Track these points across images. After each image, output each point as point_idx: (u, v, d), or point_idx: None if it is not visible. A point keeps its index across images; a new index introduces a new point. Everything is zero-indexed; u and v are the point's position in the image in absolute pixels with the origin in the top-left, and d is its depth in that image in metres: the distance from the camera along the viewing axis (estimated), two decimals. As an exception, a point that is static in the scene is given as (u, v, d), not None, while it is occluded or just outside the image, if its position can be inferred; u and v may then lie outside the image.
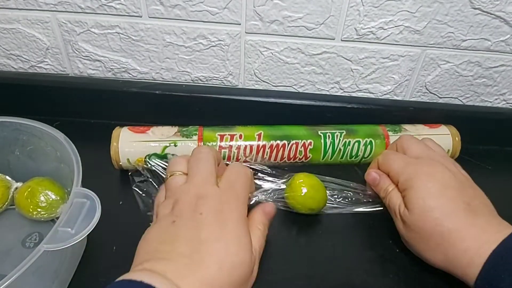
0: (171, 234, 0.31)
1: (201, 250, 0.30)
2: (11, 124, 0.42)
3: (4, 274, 0.28)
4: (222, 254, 0.30)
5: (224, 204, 0.33)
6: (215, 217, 0.32)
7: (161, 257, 0.30)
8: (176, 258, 0.29)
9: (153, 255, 0.30)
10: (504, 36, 0.50)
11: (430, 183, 0.38)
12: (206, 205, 0.33)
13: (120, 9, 0.50)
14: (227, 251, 0.30)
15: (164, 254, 0.30)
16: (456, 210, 0.36)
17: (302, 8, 0.49)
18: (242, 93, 0.55)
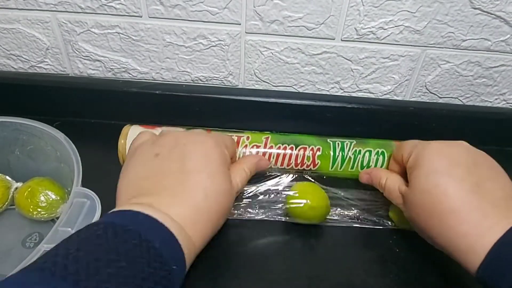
0: (155, 168, 0.32)
1: (187, 180, 0.31)
2: (11, 124, 0.42)
3: (4, 274, 0.28)
4: (208, 183, 0.31)
5: (209, 139, 0.34)
6: (199, 147, 0.33)
7: (147, 192, 0.31)
8: (161, 190, 0.30)
9: (138, 192, 0.31)
10: (504, 36, 0.50)
11: (437, 159, 0.35)
12: (190, 137, 0.34)
13: (120, 9, 0.50)
14: (212, 180, 0.32)
15: (150, 190, 0.31)
16: (459, 190, 0.33)
17: (302, 8, 0.49)
18: (242, 93, 0.55)
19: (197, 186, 0.31)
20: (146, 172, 0.32)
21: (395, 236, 0.43)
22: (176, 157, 0.32)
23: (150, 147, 0.34)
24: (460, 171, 0.34)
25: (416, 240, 0.42)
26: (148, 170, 0.32)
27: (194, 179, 0.31)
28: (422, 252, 0.42)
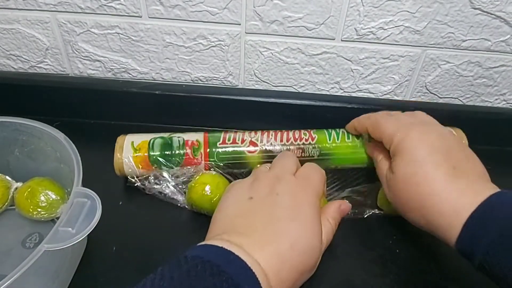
0: (247, 209, 0.33)
1: (275, 227, 0.31)
2: (11, 124, 0.42)
3: (5, 275, 0.28)
4: (295, 234, 0.31)
5: (300, 190, 0.35)
6: (291, 199, 0.34)
7: (238, 230, 0.32)
8: (251, 232, 0.31)
9: (230, 228, 0.32)
10: (504, 36, 0.50)
11: (418, 147, 0.37)
12: (283, 187, 0.35)
13: (120, 9, 0.50)
14: (299, 232, 0.32)
15: (241, 228, 0.32)
16: (438, 176, 0.35)
17: (302, 8, 0.49)
18: (242, 93, 0.55)
19: (285, 234, 0.31)
20: (239, 211, 0.34)
21: (395, 236, 0.43)
22: (268, 203, 0.33)
23: (246, 190, 0.36)
24: (438, 157, 0.36)
25: (416, 240, 0.42)
26: (242, 210, 0.34)
27: (283, 227, 0.32)
28: (422, 252, 0.42)
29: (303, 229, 0.32)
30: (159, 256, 0.40)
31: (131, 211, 0.44)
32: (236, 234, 0.31)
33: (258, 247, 0.30)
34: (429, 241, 0.39)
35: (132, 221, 0.43)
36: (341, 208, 0.38)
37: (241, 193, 0.36)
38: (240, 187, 0.37)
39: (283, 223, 0.32)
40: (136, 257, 0.40)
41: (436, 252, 0.39)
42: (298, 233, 0.32)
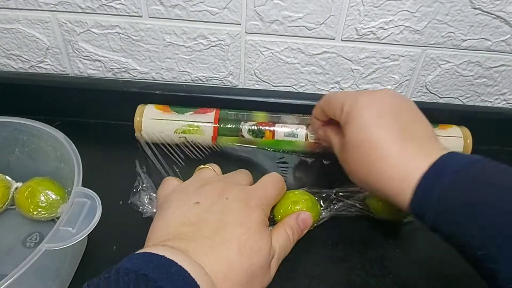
0: (194, 215, 0.32)
1: (224, 233, 0.31)
2: (11, 124, 0.42)
3: (5, 274, 0.28)
4: (243, 239, 0.31)
5: (252, 196, 0.35)
6: (241, 204, 0.33)
7: (183, 237, 0.31)
8: (198, 239, 0.30)
9: (174, 236, 0.31)
10: (505, 36, 0.50)
11: (366, 112, 0.35)
12: (233, 191, 0.34)
13: (120, 9, 0.50)
14: (248, 236, 0.31)
15: (187, 235, 0.31)
16: (387, 139, 0.34)
17: (302, 8, 0.49)
18: (242, 93, 0.55)
19: (232, 239, 0.31)
20: (185, 218, 0.33)
21: (395, 236, 0.43)
22: (217, 209, 0.33)
23: (191, 195, 0.35)
24: (386, 120, 0.35)
25: (416, 240, 0.42)
26: (188, 216, 0.33)
27: (231, 231, 0.31)
28: (422, 252, 0.42)
29: (251, 232, 0.32)
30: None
31: (132, 211, 0.44)
32: (181, 241, 0.30)
33: (206, 252, 0.29)
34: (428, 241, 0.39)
35: (132, 221, 0.43)
36: (300, 218, 0.38)
37: (186, 198, 0.34)
38: (184, 192, 0.35)
39: (232, 228, 0.31)
40: (136, 257, 0.39)
41: (436, 252, 0.39)
42: (245, 236, 0.31)
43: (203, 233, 0.31)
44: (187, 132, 0.50)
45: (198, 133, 0.50)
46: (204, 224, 0.32)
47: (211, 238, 0.30)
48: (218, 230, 0.31)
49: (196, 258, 0.28)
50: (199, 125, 0.50)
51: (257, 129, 0.50)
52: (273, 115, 0.52)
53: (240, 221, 0.32)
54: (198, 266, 0.28)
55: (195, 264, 0.28)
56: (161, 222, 0.33)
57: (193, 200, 0.34)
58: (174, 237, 0.31)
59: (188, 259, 0.28)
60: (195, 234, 0.31)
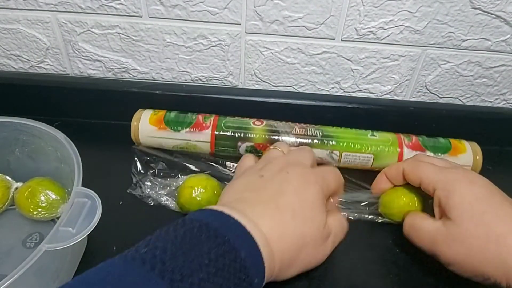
0: (256, 185, 0.35)
1: (280, 199, 0.33)
2: (11, 124, 0.42)
3: (5, 274, 0.28)
4: (297, 206, 0.33)
5: (311, 175, 0.36)
6: (299, 179, 0.35)
7: (244, 201, 0.33)
8: (256, 203, 0.33)
9: (236, 199, 0.34)
10: (505, 36, 0.50)
11: (475, 187, 0.35)
12: (294, 168, 0.36)
13: (120, 9, 0.50)
14: (302, 205, 0.33)
15: (247, 200, 0.33)
16: (505, 215, 0.33)
17: (302, 8, 0.49)
18: (242, 93, 0.55)
19: (287, 205, 0.32)
20: (248, 187, 0.35)
21: (395, 236, 0.43)
22: (277, 180, 0.35)
23: (258, 170, 0.37)
24: (500, 197, 0.35)
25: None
26: (251, 185, 0.35)
27: (287, 199, 0.33)
28: (422, 252, 0.42)
29: (306, 202, 0.33)
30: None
31: (131, 211, 0.44)
32: (240, 203, 0.32)
33: (261, 214, 0.31)
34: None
35: (132, 221, 0.43)
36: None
37: (252, 172, 0.37)
38: (252, 168, 0.38)
39: (287, 196, 0.33)
40: (136, 257, 0.40)
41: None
42: (299, 205, 0.33)
43: (262, 198, 0.33)
44: (185, 148, 0.50)
45: (195, 149, 0.50)
46: (263, 191, 0.34)
47: (267, 203, 0.32)
48: (275, 196, 0.33)
49: (253, 218, 0.30)
50: (196, 143, 0.49)
51: (254, 150, 0.49)
52: (271, 136, 0.49)
53: (297, 191, 0.34)
54: (253, 224, 0.30)
55: (251, 221, 0.30)
56: (229, 190, 0.36)
57: (258, 174, 0.36)
58: (236, 200, 0.33)
59: (245, 217, 0.30)
60: (254, 199, 0.33)
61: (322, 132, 0.49)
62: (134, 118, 0.50)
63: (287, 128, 0.49)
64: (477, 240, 0.33)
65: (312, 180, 0.35)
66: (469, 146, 0.50)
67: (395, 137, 0.50)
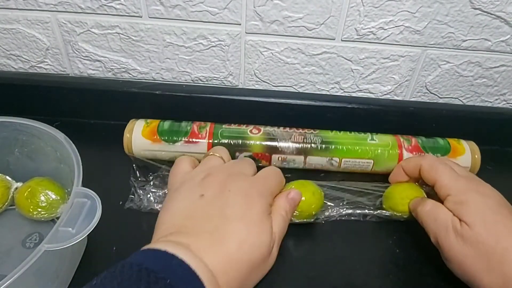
0: (198, 209, 0.33)
1: (224, 228, 0.31)
2: (11, 124, 0.42)
3: (5, 275, 0.28)
4: (243, 234, 0.31)
5: (253, 188, 0.35)
6: (242, 197, 0.33)
7: (186, 231, 0.31)
8: (200, 233, 0.31)
9: (178, 229, 0.32)
10: (505, 36, 0.50)
11: (487, 199, 0.37)
12: (236, 183, 0.34)
13: (120, 9, 0.50)
14: (248, 231, 0.32)
15: (189, 229, 0.31)
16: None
17: (302, 8, 0.49)
18: (242, 93, 0.55)
19: (233, 234, 0.31)
20: (188, 212, 0.33)
21: (395, 236, 0.44)
22: (220, 203, 0.33)
23: (196, 187, 0.35)
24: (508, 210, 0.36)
25: (416, 240, 0.42)
26: (191, 210, 0.33)
27: (232, 227, 0.31)
28: (422, 252, 0.42)
29: (252, 227, 0.32)
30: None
31: (131, 211, 0.44)
32: (183, 235, 0.31)
33: (206, 247, 0.30)
34: (428, 242, 0.39)
35: (132, 221, 0.43)
36: (289, 197, 0.38)
37: (192, 190, 0.35)
38: (190, 183, 0.36)
39: (232, 223, 0.32)
40: (136, 257, 0.39)
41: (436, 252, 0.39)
42: (245, 231, 0.31)
43: (204, 227, 0.31)
44: None
45: None
46: (205, 218, 0.32)
47: (211, 233, 0.31)
48: (218, 225, 0.31)
49: (197, 252, 0.29)
50: (192, 155, 0.47)
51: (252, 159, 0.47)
52: (270, 144, 0.48)
53: (241, 215, 0.32)
54: (198, 260, 0.28)
55: (196, 258, 0.28)
56: (167, 215, 0.34)
57: (198, 192, 0.34)
58: (177, 230, 0.31)
59: (189, 253, 0.28)
60: (196, 228, 0.31)
61: (321, 139, 0.49)
62: (126, 130, 0.48)
63: (285, 136, 0.49)
64: (485, 246, 0.34)
65: (255, 194, 0.34)
66: (467, 146, 0.51)
67: (395, 140, 0.50)
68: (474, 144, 0.51)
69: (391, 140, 0.50)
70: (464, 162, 0.49)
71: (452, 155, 0.49)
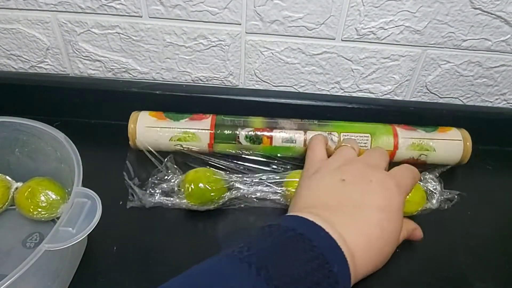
0: (339, 191, 0.34)
1: (366, 213, 0.32)
2: (11, 124, 0.42)
3: (5, 275, 0.28)
4: (385, 223, 0.32)
5: (392, 185, 0.35)
6: (383, 191, 0.34)
7: (328, 208, 0.32)
8: (341, 212, 0.32)
9: (320, 204, 0.33)
10: (505, 36, 0.50)
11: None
12: (377, 176, 0.35)
13: (120, 9, 0.50)
14: (389, 222, 0.32)
15: (331, 206, 0.32)
16: None
17: (302, 8, 0.49)
18: (243, 93, 0.55)
19: (376, 222, 0.32)
20: (330, 191, 0.34)
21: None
22: (361, 189, 0.34)
23: (336, 171, 0.36)
24: None
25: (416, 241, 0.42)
26: (333, 190, 0.34)
27: (374, 213, 0.32)
28: (422, 252, 0.42)
29: (392, 217, 0.33)
30: (159, 256, 0.40)
31: (131, 211, 0.44)
32: (326, 210, 0.32)
33: (349, 226, 0.31)
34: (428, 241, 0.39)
35: (132, 221, 0.43)
36: (414, 232, 0.38)
37: (330, 172, 0.36)
38: (330, 168, 0.37)
39: (374, 211, 0.32)
40: (136, 257, 0.40)
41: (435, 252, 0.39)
42: (387, 222, 0.32)
43: (346, 208, 0.32)
44: (182, 139, 0.49)
45: (194, 140, 0.49)
46: (348, 200, 0.33)
47: (353, 214, 0.32)
48: (360, 207, 0.32)
49: (339, 228, 0.30)
50: (195, 132, 0.49)
51: (254, 135, 0.49)
52: (271, 121, 0.51)
53: (382, 205, 0.33)
54: (341, 237, 0.29)
55: (338, 234, 0.29)
56: (307, 191, 0.35)
57: (338, 176, 0.35)
58: (319, 205, 0.33)
59: (333, 228, 0.29)
60: (338, 207, 0.32)
61: (318, 121, 0.52)
62: (133, 113, 0.51)
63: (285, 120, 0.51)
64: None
65: (394, 189, 0.35)
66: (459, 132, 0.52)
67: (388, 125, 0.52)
68: (466, 132, 0.52)
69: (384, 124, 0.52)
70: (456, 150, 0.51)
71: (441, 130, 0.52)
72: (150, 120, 0.50)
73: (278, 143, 0.50)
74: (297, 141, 0.50)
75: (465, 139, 0.51)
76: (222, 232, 0.43)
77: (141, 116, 0.50)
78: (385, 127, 0.51)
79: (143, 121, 0.50)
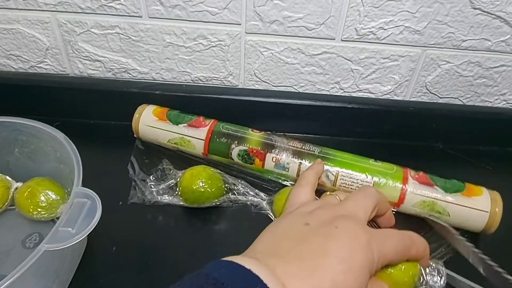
0: (299, 236, 0.31)
1: (320, 261, 0.28)
2: (11, 124, 0.42)
3: (5, 275, 0.28)
4: (339, 278, 0.28)
5: (362, 238, 0.31)
6: (348, 240, 0.30)
7: (279, 253, 0.29)
8: (292, 258, 0.28)
9: (272, 248, 0.30)
10: (505, 36, 0.50)
11: None
12: (345, 223, 0.31)
13: (120, 9, 0.50)
14: (344, 278, 0.28)
15: (283, 251, 0.29)
16: None
17: (302, 8, 0.49)
18: (242, 93, 0.55)
19: (328, 273, 0.28)
20: (289, 235, 0.31)
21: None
22: (322, 234, 0.30)
23: (305, 215, 0.33)
24: None
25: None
26: (293, 234, 0.31)
27: (328, 265, 0.28)
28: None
29: (350, 275, 0.28)
30: (159, 256, 0.40)
31: (131, 211, 0.44)
32: (274, 256, 0.29)
33: (296, 276, 0.27)
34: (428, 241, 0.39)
35: (132, 221, 0.43)
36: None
37: (299, 217, 0.33)
38: (301, 210, 0.34)
39: (330, 260, 0.28)
40: (136, 257, 0.40)
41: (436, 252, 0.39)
42: (342, 276, 0.28)
43: (300, 254, 0.29)
44: (179, 144, 0.49)
45: (189, 147, 0.49)
46: (305, 244, 0.30)
47: (306, 260, 0.28)
48: (316, 255, 0.29)
49: (283, 277, 0.27)
50: (190, 140, 0.49)
51: (246, 155, 0.47)
52: (267, 141, 0.47)
53: (342, 256, 0.29)
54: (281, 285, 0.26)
55: (282, 284, 0.26)
56: (269, 236, 0.32)
57: (304, 220, 0.32)
58: (270, 250, 0.30)
59: (274, 279, 0.26)
60: (291, 251, 0.29)
61: (320, 149, 0.47)
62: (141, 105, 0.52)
63: (284, 140, 0.48)
64: None
65: (363, 243, 0.30)
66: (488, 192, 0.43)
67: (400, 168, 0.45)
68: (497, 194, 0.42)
69: (396, 167, 0.45)
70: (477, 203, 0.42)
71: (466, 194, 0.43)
72: (151, 119, 0.50)
73: (270, 167, 0.47)
74: (290, 169, 0.46)
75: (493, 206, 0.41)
76: (220, 230, 0.43)
77: (145, 113, 0.51)
78: (396, 171, 0.44)
79: (145, 118, 0.50)
